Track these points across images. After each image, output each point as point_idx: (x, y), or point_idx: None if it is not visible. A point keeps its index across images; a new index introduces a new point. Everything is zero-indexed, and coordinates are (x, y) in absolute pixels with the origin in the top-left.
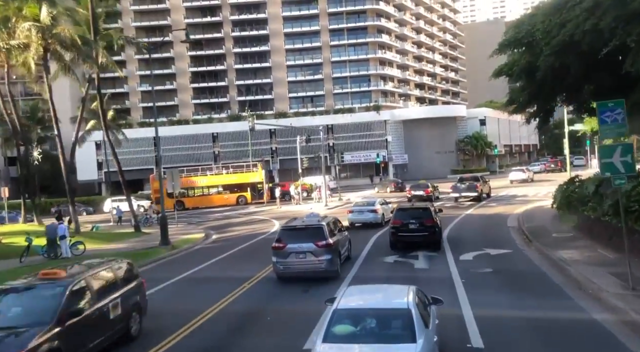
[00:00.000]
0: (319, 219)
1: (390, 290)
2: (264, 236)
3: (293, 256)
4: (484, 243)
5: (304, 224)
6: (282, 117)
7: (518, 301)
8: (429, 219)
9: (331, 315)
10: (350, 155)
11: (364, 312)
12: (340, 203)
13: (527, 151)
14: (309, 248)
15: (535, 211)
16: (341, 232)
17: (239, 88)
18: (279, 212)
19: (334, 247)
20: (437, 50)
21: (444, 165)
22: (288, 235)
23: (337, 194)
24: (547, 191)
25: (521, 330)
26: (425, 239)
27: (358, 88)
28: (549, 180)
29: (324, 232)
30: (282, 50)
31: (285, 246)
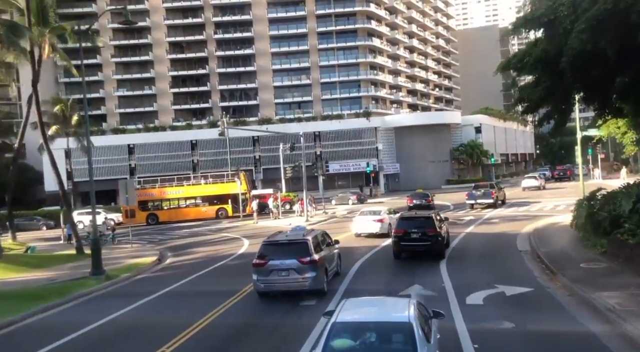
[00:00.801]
0: (304, 233)
1: (390, 303)
2: (225, 261)
3: (275, 274)
4: (494, 276)
5: (287, 239)
6: (267, 124)
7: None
8: (431, 228)
9: (330, 329)
10: (338, 165)
11: (363, 326)
12: (324, 217)
13: (524, 160)
14: (292, 265)
15: (549, 230)
16: (330, 246)
17: (222, 93)
18: (254, 228)
19: (320, 263)
20: (430, 55)
21: (438, 175)
22: (270, 250)
23: (321, 206)
24: (554, 204)
25: None
26: (427, 249)
27: (347, 94)
28: (559, 188)
29: (309, 247)
30: (267, 54)
31: (266, 263)
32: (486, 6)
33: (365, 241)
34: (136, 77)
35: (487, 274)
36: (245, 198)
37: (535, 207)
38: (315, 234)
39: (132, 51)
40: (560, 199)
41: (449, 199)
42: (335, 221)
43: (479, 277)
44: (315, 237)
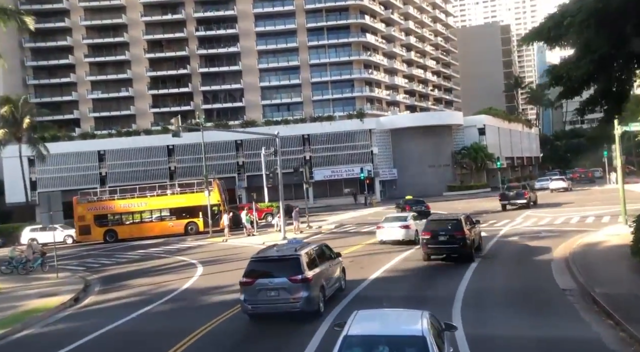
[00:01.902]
0: (297, 247)
1: (402, 315)
2: (155, 304)
3: (263, 293)
4: (535, 341)
5: (277, 254)
6: (251, 126)
7: None
8: (458, 231)
9: (341, 342)
10: (330, 170)
11: (376, 339)
12: (306, 234)
13: (529, 164)
14: (281, 284)
15: (593, 254)
16: (330, 260)
17: (205, 95)
18: (220, 249)
19: (313, 282)
20: (428, 54)
21: (438, 181)
22: (258, 267)
23: (304, 219)
24: (579, 215)
25: None
26: (454, 251)
27: (340, 94)
28: (584, 189)
29: (301, 264)
30: (253, 52)
31: (254, 281)
32: (484, 7)
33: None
34: (112, 78)
35: (525, 336)
36: (219, 210)
37: (558, 218)
38: (310, 248)
39: (108, 50)
40: (587, 209)
41: (452, 208)
42: (318, 238)
43: (510, 341)
44: (310, 251)
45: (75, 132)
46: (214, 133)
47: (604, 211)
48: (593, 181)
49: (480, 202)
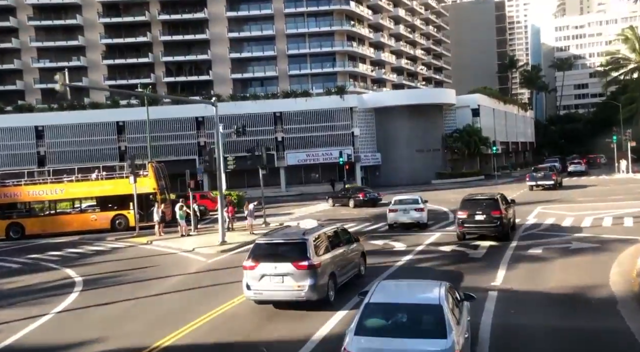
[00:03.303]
0: (305, 230)
1: (422, 285)
2: None
3: (266, 280)
4: None
5: (283, 238)
6: (217, 101)
7: None
8: (495, 210)
9: (363, 308)
10: (305, 154)
11: (395, 306)
12: (254, 236)
13: (524, 150)
14: (286, 270)
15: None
16: (347, 244)
17: (168, 66)
18: (132, 255)
19: (321, 269)
20: (418, 29)
21: (427, 168)
22: (262, 251)
23: (260, 214)
24: (612, 215)
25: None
26: (491, 231)
27: (320, 69)
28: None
29: (307, 249)
30: (222, 19)
31: (257, 266)
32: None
33: None
34: (61, 45)
35: None
36: (155, 201)
37: (584, 218)
38: (321, 232)
39: (56, 13)
40: (612, 205)
41: (442, 200)
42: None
43: None
44: (321, 236)
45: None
46: (174, 109)
47: (637, 208)
48: (599, 168)
49: (475, 192)
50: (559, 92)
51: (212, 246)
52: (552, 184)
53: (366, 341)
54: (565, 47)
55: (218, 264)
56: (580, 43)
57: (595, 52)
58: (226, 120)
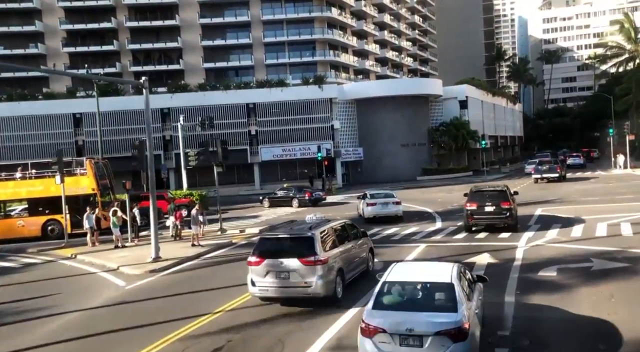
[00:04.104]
0: (312, 225)
1: (435, 266)
2: None
3: (271, 275)
4: None
5: (289, 233)
6: (182, 92)
7: None
8: (505, 201)
9: (380, 286)
10: (280, 149)
11: (410, 284)
12: (201, 249)
13: (513, 144)
14: (292, 265)
15: None
16: (354, 239)
17: (135, 55)
18: (39, 276)
19: (328, 264)
20: (403, 18)
21: (412, 163)
22: (268, 246)
23: (214, 218)
24: (629, 220)
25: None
26: (501, 222)
27: (299, 58)
28: (588, 176)
29: (315, 244)
30: (194, 4)
31: (262, 261)
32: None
33: None
34: (17, 30)
35: None
36: (95, 202)
37: (595, 226)
38: (328, 226)
39: None
40: (623, 206)
41: (428, 200)
42: (219, 254)
43: None
44: (328, 230)
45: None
46: (138, 100)
47: None
48: (593, 163)
49: (464, 190)
50: (547, 86)
51: (141, 263)
52: (557, 176)
53: (382, 314)
54: (552, 39)
55: (137, 292)
56: (568, 35)
57: (583, 44)
58: (193, 112)
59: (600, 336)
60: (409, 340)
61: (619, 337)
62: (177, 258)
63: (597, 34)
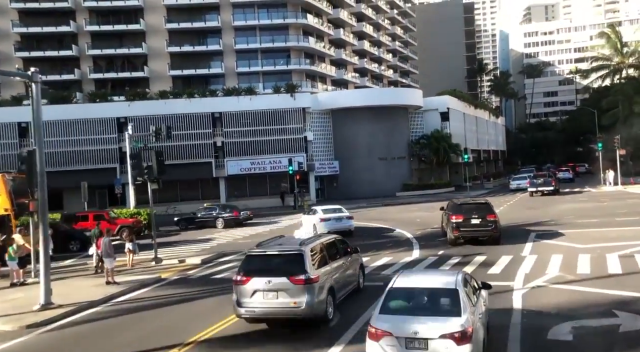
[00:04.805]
0: (302, 241)
1: (440, 274)
2: None
3: (259, 295)
4: None
5: (278, 250)
6: (141, 99)
7: None
8: (491, 214)
9: (387, 292)
10: (249, 162)
11: (416, 291)
12: (113, 287)
13: (496, 159)
14: (281, 285)
15: None
16: (345, 256)
17: (96, 61)
18: None
19: (319, 283)
20: (383, 28)
21: (391, 178)
22: (254, 264)
23: (146, 243)
24: None
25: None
26: (486, 234)
27: (272, 66)
28: (576, 191)
29: (305, 261)
30: (160, 7)
31: (248, 280)
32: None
33: None
34: None
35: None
36: (7, 225)
37: (607, 261)
38: (319, 242)
39: None
40: (630, 231)
41: (407, 221)
42: (127, 307)
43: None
44: (319, 246)
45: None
46: (94, 108)
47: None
48: (579, 178)
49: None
50: (529, 100)
51: (23, 312)
52: (551, 189)
53: (389, 318)
54: (534, 53)
55: None
56: (549, 49)
57: (565, 59)
58: (154, 122)
59: None
60: (415, 343)
61: None
62: (76, 303)
63: (578, 49)
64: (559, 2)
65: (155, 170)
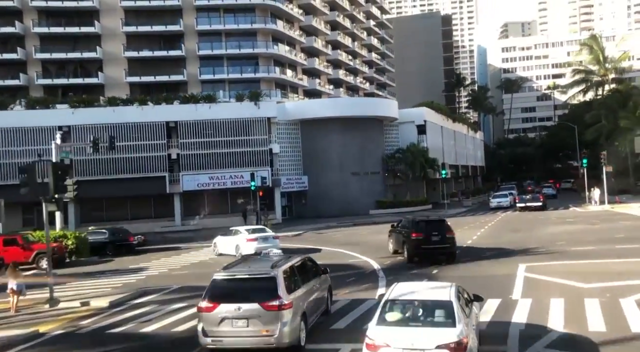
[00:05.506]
0: (273, 263)
1: (434, 286)
2: None
3: (227, 324)
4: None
5: (248, 273)
6: (87, 106)
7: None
8: (450, 231)
9: (383, 304)
10: (207, 176)
11: (411, 302)
12: None
13: (474, 175)
14: (251, 311)
15: None
16: (316, 277)
17: (45, 65)
18: None
19: (293, 309)
20: (359, 38)
21: (364, 195)
22: (222, 289)
23: (40, 282)
24: None
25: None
26: (445, 251)
27: (239, 74)
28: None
29: (278, 285)
30: (117, 10)
31: (216, 307)
32: (421, 5)
33: None
34: None
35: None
36: None
37: (622, 302)
38: (291, 264)
39: None
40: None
41: (379, 245)
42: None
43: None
44: (291, 268)
45: None
46: (34, 115)
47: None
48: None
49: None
50: (507, 115)
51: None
52: (540, 205)
53: (385, 330)
54: (512, 68)
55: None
56: (527, 65)
57: (542, 74)
58: (101, 131)
59: None
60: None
61: None
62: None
63: (556, 65)
64: (535, 20)
65: (52, 189)
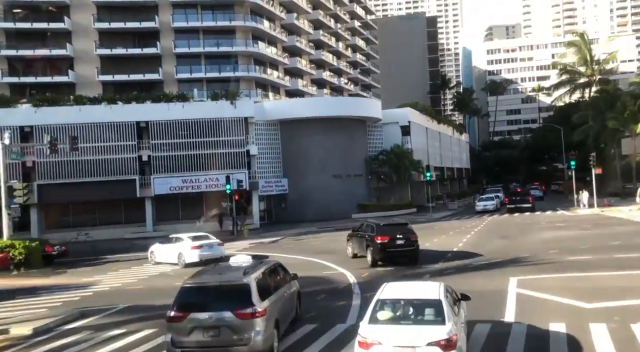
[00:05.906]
0: (245, 269)
1: (423, 285)
2: None
3: (198, 333)
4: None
5: (219, 280)
6: (50, 105)
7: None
8: (413, 234)
9: (374, 303)
10: (180, 179)
11: (401, 301)
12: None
13: (460, 177)
14: (223, 320)
15: None
16: (286, 284)
17: (12, 63)
18: None
19: (266, 316)
20: (343, 38)
21: (347, 198)
22: (192, 297)
23: None
24: None
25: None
26: (409, 254)
27: (218, 73)
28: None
29: (251, 293)
30: (89, 5)
31: (186, 316)
32: (407, 7)
33: None
34: None
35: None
36: None
37: (636, 329)
38: (263, 271)
39: None
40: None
41: (347, 254)
42: None
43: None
44: (263, 275)
45: None
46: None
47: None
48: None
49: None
50: (492, 117)
51: None
52: (529, 206)
53: (378, 328)
54: (497, 71)
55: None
56: (512, 67)
57: (527, 77)
58: (64, 132)
59: None
60: (404, 351)
61: None
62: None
63: (540, 67)
64: (519, 23)
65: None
